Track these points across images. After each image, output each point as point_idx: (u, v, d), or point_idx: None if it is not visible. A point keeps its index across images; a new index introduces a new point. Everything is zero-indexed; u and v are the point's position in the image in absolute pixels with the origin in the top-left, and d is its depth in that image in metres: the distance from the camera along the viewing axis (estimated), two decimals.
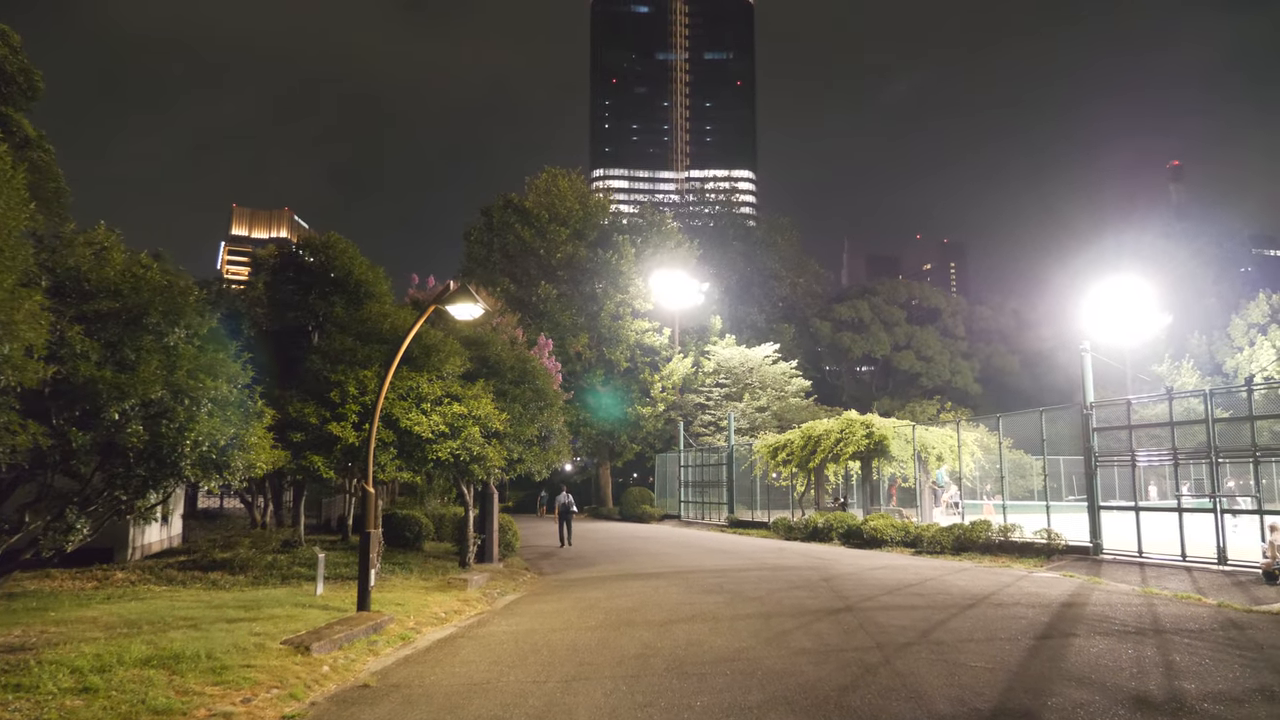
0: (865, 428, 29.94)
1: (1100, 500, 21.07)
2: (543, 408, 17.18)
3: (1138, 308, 41.06)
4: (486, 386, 15.84)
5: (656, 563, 21.57)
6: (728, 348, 54.64)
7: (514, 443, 16.36)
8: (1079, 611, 12.88)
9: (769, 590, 15.45)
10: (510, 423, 16.06)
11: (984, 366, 76.55)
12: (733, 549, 25.90)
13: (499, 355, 16.93)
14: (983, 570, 19.28)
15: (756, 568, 19.91)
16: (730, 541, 29.51)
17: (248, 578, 15.50)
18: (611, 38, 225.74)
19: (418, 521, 20.82)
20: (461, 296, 12.68)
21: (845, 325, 74.46)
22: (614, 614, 13.08)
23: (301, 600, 13.20)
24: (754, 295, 75.49)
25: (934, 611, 12.76)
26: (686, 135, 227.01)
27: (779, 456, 33.94)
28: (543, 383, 17.41)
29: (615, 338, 52.85)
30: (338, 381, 14.30)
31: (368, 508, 12.63)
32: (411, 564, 18.34)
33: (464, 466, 15.03)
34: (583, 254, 53.16)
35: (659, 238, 56.75)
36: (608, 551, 25.62)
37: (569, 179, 56.17)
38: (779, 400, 52.97)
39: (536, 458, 17.25)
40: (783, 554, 23.96)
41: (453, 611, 13.50)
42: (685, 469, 45.41)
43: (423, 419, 14.29)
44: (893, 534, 26.03)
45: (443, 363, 15.07)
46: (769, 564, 20.82)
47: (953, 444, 30.06)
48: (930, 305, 78.95)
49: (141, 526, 20.03)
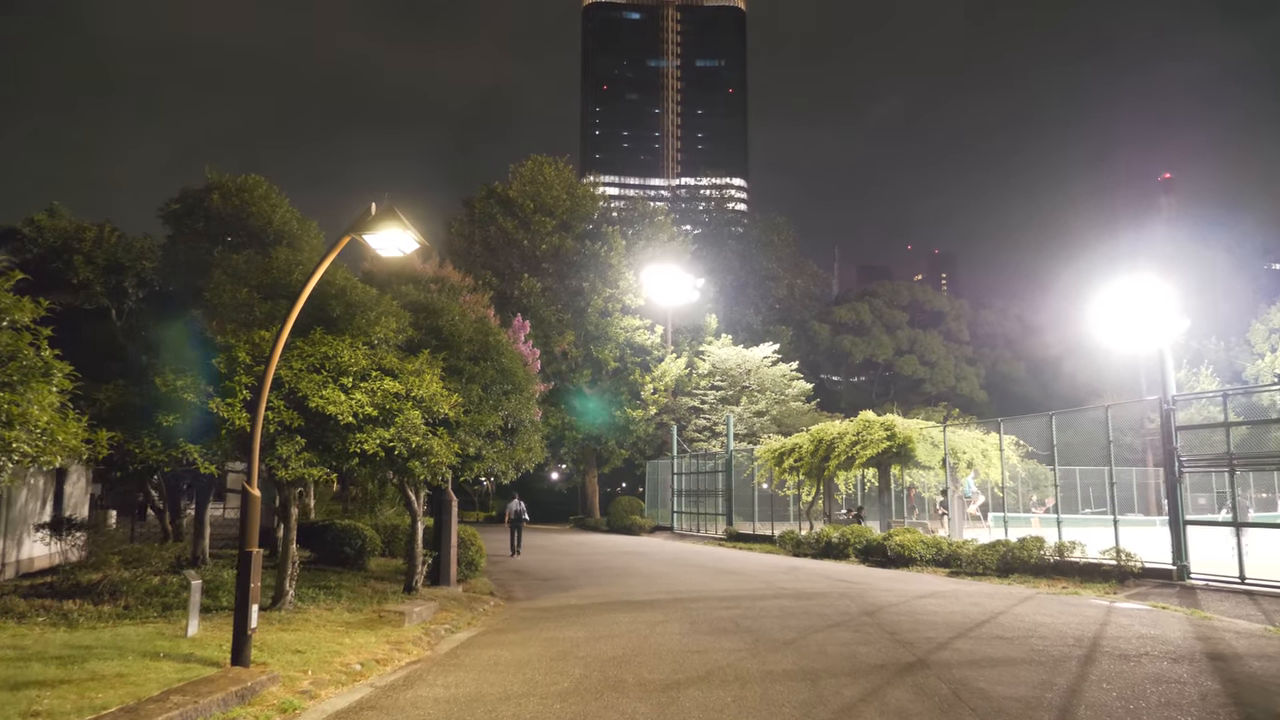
0: (886, 429, 26.36)
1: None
2: (509, 392, 13.49)
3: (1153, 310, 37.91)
4: (433, 361, 12.15)
5: (650, 586, 17.89)
6: (724, 348, 50.99)
7: (470, 434, 12.69)
8: (1240, 668, 9.26)
9: (800, 629, 11.79)
10: (465, 408, 12.39)
11: (989, 372, 73.14)
12: (738, 568, 22.22)
13: (453, 325, 13.24)
14: (1051, 600, 15.65)
15: (773, 594, 16.24)
16: (733, 558, 25.84)
17: (115, 607, 11.75)
18: (603, 44, 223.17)
19: (361, 534, 17.06)
20: (385, 220, 9.02)
21: (845, 328, 70.91)
22: (596, 667, 9.41)
23: (159, 646, 9.46)
24: (749, 297, 71.88)
25: (1042, 669, 9.12)
26: (678, 142, 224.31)
27: (785, 463, 30.31)
28: (509, 362, 13.76)
29: (604, 335, 49.11)
30: (226, 346, 10.64)
31: (247, 517, 8.93)
32: (344, 588, 14.60)
33: (400, 463, 11.34)
34: (569, 246, 49.49)
35: (651, 230, 53.15)
36: (592, 570, 21.90)
37: (556, 168, 52.39)
38: (778, 404, 49.33)
39: (500, 455, 13.56)
40: (798, 574, 20.32)
41: (374, 661, 9.78)
42: (678, 477, 41.70)
43: (341, 398, 10.60)
44: (922, 551, 22.45)
45: (371, 325, 11.40)
46: (787, 588, 17.16)
47: (985, 448, 26.52)
48: (933, 308, 75.50)
49: (17, 539, 16.22)
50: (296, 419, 10.59)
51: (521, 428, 14.10)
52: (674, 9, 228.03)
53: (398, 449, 11.13)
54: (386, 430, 11.01)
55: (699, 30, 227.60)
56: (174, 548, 14.78)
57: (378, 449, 10.95)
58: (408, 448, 11.22)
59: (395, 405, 11.07)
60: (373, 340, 11.45)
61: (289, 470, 10.70)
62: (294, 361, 10.81)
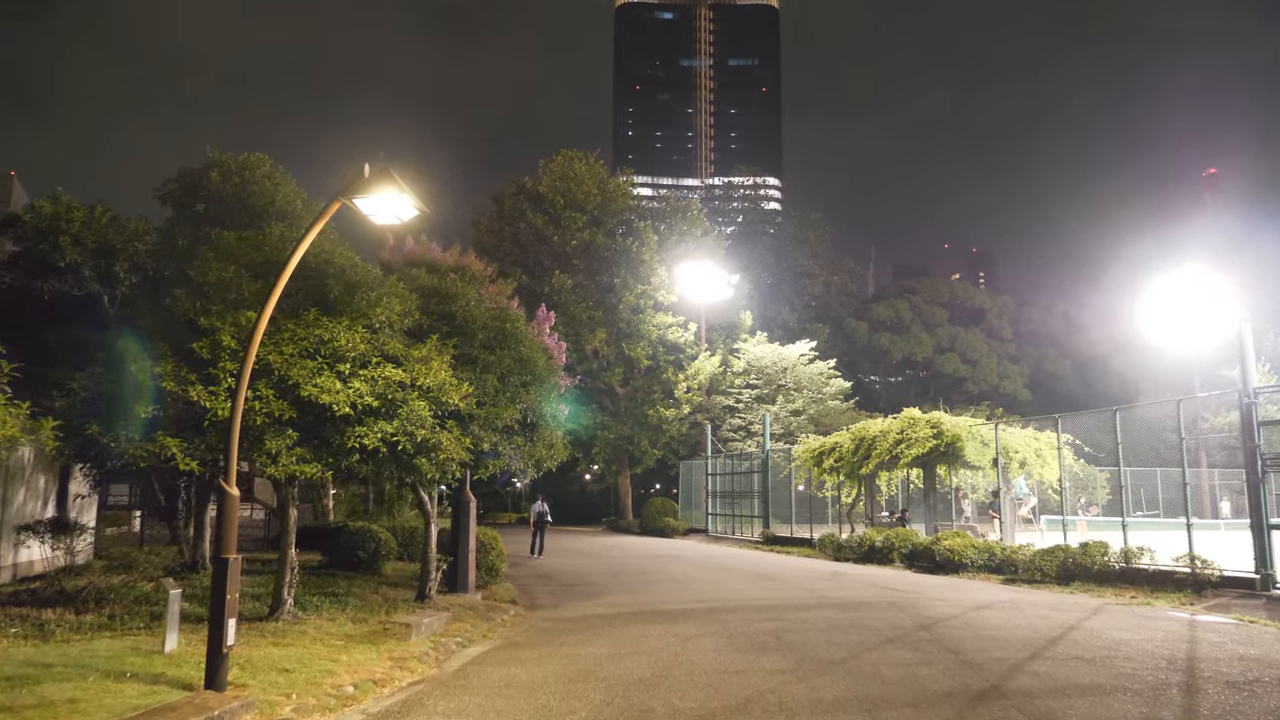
0: (932, 427, 24.93)
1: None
2: (527, 383, 12.34)
3: (1210, 302, 36.17)
4: (443, 347, 11.02)
5: (684, 593, 16.69)
6: (759, 345, 49.51)
7: (484, 429, 11.55)
8: None
9: (850, 646, 10.53)
10: (479, 400, 11.26)
11: (1033, 371, 70.95)
12: (776, 573, 20.95)
13: (467, 310, 12.10)
14: (1124, 612, 14.24)
15: (816, 603, 14.97)
16: (771, 562, 24.57)
17: (99, 616, 10.77)
18: (635, 44, 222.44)
19: (375, 538, 16.01)
20: (379, 182, 7.92)
21: (883, 326, 69.09)
22: (620, 691, 8.24)
23: (130, 664, 8.44)
24: (785, 294, 70.24)
25: (1141, 701, 7.80)
26: (711, 142, 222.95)
27: (825, 463, 28.93)
28: (529, 350, 12.61)
29: (635, 333, 47.91)
30: (210, 329, 9.57)
31: (225, 521, 7.87)
32: (352, 595, 13.55)
33: (405, 460, 10.20)
34: (600, 241, 48.37)
35: (684, 225, 51.83)
36: (622, 575, 20.74)
37: (587, 163, 51.26)
38: (815, 403, 47.83)
39: (519, 452, 12.43)
40: (841, 581, 19.02)
41: (371, 682, 8.69)
42: (713, 478, 40.41)
43: (337, 386, 9.47)
44: (973, 556, 21.04)
45: (372, 306, 10.28)
46: (830, 596, 15.88)
47: (1038, 447, 25.01)
48: (974, 305, 73.43)
49: (12, 542, 15.38)
50: (287, 410, 9.52)
51: (542, 422, 12.94)
52: (706, 8, 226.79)
53: (402, 444, 10.02)
54: (389, 423, 9.90)
55: (732, 29, 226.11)
56: (166, 553, 13.80)
57: (379, 444, 9.85)
58: (413, 442, 10.11)
59: (399, 395, 9.97)
60: (374, 324, 10.35)
61: (279, 467, 9.63)
62: (285, 346, 9.76)
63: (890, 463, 25.68)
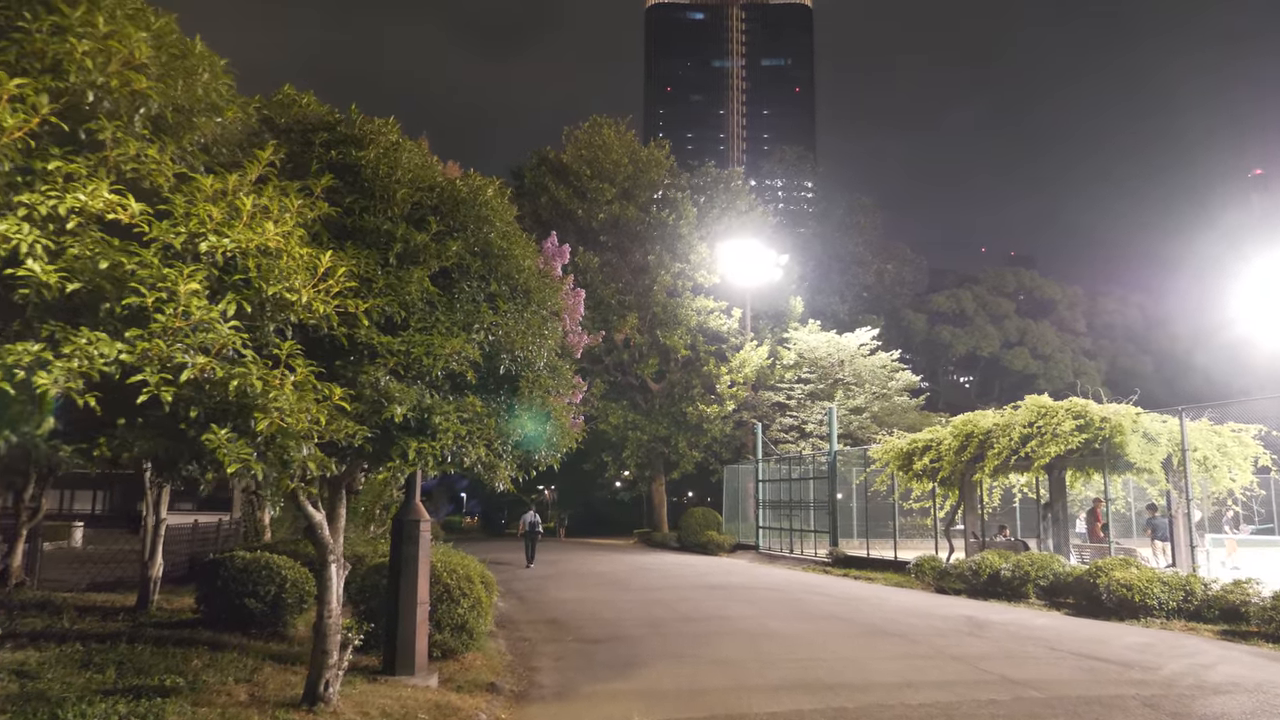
0: (1076, 418, 18.61)
1: None
2: (496, 296, 6.32)
3: None
4: (306, 189, 5.04)
5: (766, 663, 10.60)
6: (812, 334, 43.13)
7: (402, 376, 5.55)
8: None
9: None
10: (387, 313, 5.30)
11: (1109, 368, 64.02)
12: (886, 622, 14.72)
13: (385, 161, 6.13)
14: None
15: (1009, 697, 8.81)
16: (862, 598, 18.37)
17: None
18: (666, 46, 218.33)
19: (277, 575, 9.92)
20: None
21: (943, 318, 62.56)
22: None
23: None
24: (833, 284, 63.75)
25: None
26: (743, 144, 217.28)
27: (918, 464, 22.64)
28: (501, 239, 6.57)
29: (672, 319, 41.83)
30: None
31: None
32: (200, 686, 7.54)
33: (184, 430, 4.25)
34: (631, 214, 42.39)
35: (726, 197, 45.73)
36: (665, 622, 14.64)
37: (616, 130, 45.35)
38: (879, 400, 41.37)
39: (479, 428, 6.30)
40: (990, 637, 12.82)
41: None
42: (763, 485, 34.19)
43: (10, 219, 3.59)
44: (1160, 594, 14.76)
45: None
46: (1014, 678, 9.70)
47: (1220, 443, 18.64)
48: (1044, 296, 66.65)
49: None
50: None
51: (530, 375, 6.84)
52: (738, 8, 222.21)
53: (162, 391, 4.07)
54: (126, 333, 3.93)
55: (764, 29, 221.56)
56: None
57: (114, 367, 3.85)
58: (198, 390, 4.20)
59: (151, 272, 4.02)
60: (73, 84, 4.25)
61: None
62: None
63: (1023, 463, 19.37)
